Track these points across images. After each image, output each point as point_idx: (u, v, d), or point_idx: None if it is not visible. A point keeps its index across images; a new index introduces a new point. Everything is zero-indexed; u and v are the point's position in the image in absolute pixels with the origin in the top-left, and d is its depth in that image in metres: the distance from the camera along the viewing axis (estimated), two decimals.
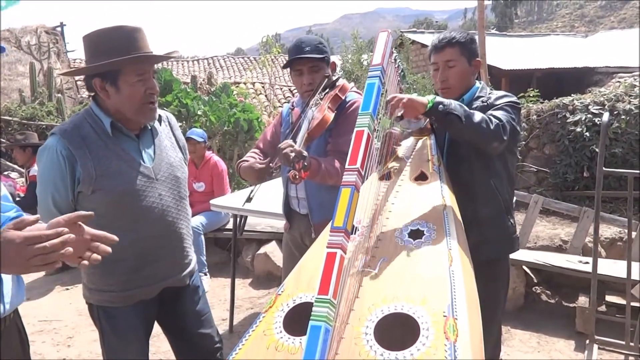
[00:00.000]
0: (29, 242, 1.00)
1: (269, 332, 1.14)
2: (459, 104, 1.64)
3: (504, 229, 1.99)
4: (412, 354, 0.98)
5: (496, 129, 1.67)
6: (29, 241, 1.00)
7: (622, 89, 5.21)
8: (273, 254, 4.38)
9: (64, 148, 1.59)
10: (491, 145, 1.71)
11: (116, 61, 1.56)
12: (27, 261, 1.00)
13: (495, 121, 1.69)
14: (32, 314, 3.74)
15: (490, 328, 2.01)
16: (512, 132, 1.76)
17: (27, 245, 0.99)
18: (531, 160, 5.41)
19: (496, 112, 1.77)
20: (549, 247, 3.97)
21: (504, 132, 1.69)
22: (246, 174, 2.08)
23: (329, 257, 1.00)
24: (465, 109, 1.64)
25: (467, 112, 1.62)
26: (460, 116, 1.59)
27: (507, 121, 1.73)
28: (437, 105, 1.58)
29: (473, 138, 1.68)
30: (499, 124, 1.69)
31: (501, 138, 1.69)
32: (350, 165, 1.10)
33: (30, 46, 11.26)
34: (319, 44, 2.07)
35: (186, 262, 1.86)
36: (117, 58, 1.55)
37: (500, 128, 1.69)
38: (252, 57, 21.04)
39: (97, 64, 1.58)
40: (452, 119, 1.59)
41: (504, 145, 1.73)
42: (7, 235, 1.00)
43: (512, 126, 1.76)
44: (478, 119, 1.64)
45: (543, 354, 2.98)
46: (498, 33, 20.15)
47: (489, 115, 1.72)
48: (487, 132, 1.65)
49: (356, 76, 11.26)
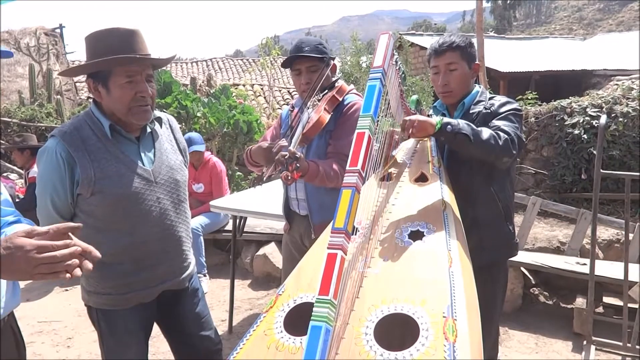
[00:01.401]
0: (39, 251, 1.00)
1: (270, 332, 1.15)
2: (466, 122, 1.64)
3: (503, 234, 2.00)
4: (411, 354, 0.98)
5: (505, 144, 1.67)
6: (39, 249, 1.01)
7: (620, 92, 5.23)
8: (272, 256, 4.38)
9: (63, 150, 1.58)
10: (501, 161, 1.72)
11: (101, 61, 1.55)
12: (33, 268, 1.00)
13: (504, 136, 1.68)
14: (32, 315, 3.74)
15: (489, 329, 2.02)
16: (520, 143, 1.77)
17: (37, 253, 1.00)
18: (529, 163, 5.43)
19: (501, 122, 1.78)
20: (546, 249, 3.98)
21: (512, 147, 1.70)
22: (257, 155, 1.96)
23: (329, 258, 1.00)
24: (473, 127, 1.63)
25: (474, 131, 1.62)
26: (469, 135, 1.59)
27: (515, 134, 1.74)
28: (445, 126, 1.59)
29: (483, 155, 1.68)
30: (507, 138, 1.69)
31: (510, 153, 1.69)
32: (351, 167, 1.11)
33: (30, 48, 11.25)
34: (319, 44, 2.08)
35: (185, 265, 1.85)
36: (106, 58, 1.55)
37: (509, 143, 1.69)
38: (251, 59, 21.04)
39: (86, 63, 1.58)
40: (461, 139, 1.60)
41: (514, 158, 1.74)
42: (17, 241, 1.01)
43: (519, 138, 1.76)
44: (486, 136, 1.64)
45: (541, 355, 2.99)
46: (496, 36, 20.18)
47: (496, 129, 1.72)
48: (496, 148, 1.66)
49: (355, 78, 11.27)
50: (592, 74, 12.56)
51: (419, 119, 1.55)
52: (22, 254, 0.99)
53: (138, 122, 1.68)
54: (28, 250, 1.00)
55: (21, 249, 1.00)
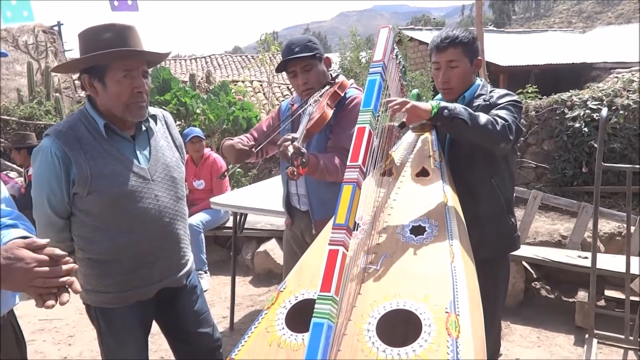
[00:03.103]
0: (38, 265, 1.03)
1: (272, 329, 1.14)
2: (463, 107, 1.63)
3: (505, 228, 1.99)
4: (414, 351, 0.98)
5: (502, 129, 1.66)
6: (37, 263, 1.03)
7: (620, 85, 5.21)
8: (273, 252, 4.38)
9: (58, 149, 1.57)
10: (498, 146, 1.71)
11: (98, 54, 1.54)
12: (29, 281, 1.03)
13: (501, 121, 1.68)
14: (33, 313, 3.74)
15: (491, 324, 2.01)
16: (517, 131, 1.76)
17: (35, 267, 1.03)
18: (530, 156, 5.42)
19: (499, 111, 1.77)
20: (548, 243, 3.98)
21: (510, 132, 1.69)
22: (226, 151, 2.10)
23: (331, 254, 1.00)
24: (470, 111, 1.63)
25: (472, 115, 1.61)
26: (466, 120, 1.58)
27: (512, 121, 1.73)
28: (442, 110, 1.57)
29: (480, 140, 1.67)
30: (504, 124, 1.68)
31: (508, 138, 1.69)
32: (351, 162, 1.10)
33: (28, 45, 11.21)
34: (308, 42, 2.06)
35: (183, 263, 1.85)
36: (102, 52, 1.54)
37: (507, 128, 1.68)
38: (250, 55, 20.96)
39: (82, 57, 1.57)
40: (457, 123, 1.59)
41: (511, 144, 1.73)
42: (18, 252, 1.03)
43: (517, 125, 1.75)
44: (484, 120, 1.63)
45: (543, 349, 2.99)
46: (496, 29, 20.13)
47: (494, 116, 1.72)
48: (493, 133, 1.65)
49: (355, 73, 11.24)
50: (592, 67, 12.54)
51: (411, 103, 1.53)
52: (21, 266, 1.02)
53: (134, 119, 1.67)
54: (27, 263, 1.02)
55: (21, 260, 1.02)
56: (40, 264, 1.04)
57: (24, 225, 1.29)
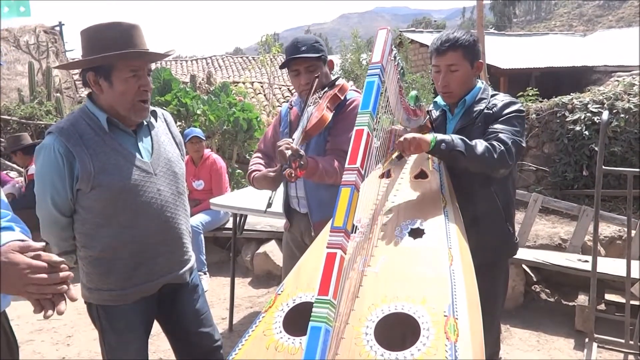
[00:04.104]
0: (32, 271, 1.02)
1: (269, 333, 1.13)
2: (460, 137, 1.63)
3: (503, 235, 1.98)
4: (412, 354, 0.97)
5: (500, 156, 1.66)
6: (32, 269, 1.02)
7: (621, 88, 5.21)
8: (272, 253, 4.37)
9: (61, 146, 1.58)
10: (498, 172, 1.72)
11: (109, 55, 1.55)
12: (23, 286, 1.02)
13: (499, 148, 1.67)
14: (31, 313, 3.71)
15: (490, 327, 2.00)
16: (518, 151, 1.75)
17: (29, 273, 1.02)
18: (530, 159, 5.41)
19: (501, 126, 1.76)
20: (548, 246, 3.97)
21: (509, 158, 1.68)
22: (261, 184, 2.04)
23: (329, 257, 0.99)
24: (467, 142, 1.63)
25: (468, 146, 1.62)
26: (463, 151, 1.59)
27: (513, 142, 1.72)
28: (439, 144, 1.58)
29: (478, 169, 1.68)
30: (503, 150, 1.67)
31: (507, 164, 1.68)
32: (350, 165, 1.10)
33: (29, 45, 11.21)
34: (315, 42, 2.06)
35: (185, 258, 1.85)
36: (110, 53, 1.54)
37: (505, 154, 1.67)
38: (251, 56, 20.98)
39: (91, 57, 1.58)
40: (456, 156, 1.60)
41: (511, 168, 1.74)
42: (12, 257, 1.02)
43: (517, 146, 1.74)
44: (481, 150, 1.63)
45: (543, 353, 2.98)
46: (496, 32, 20.14)
47: (493, 137, 1.71)
48: (491, 162, 1.65)
49: (355, 75, 11.24)
50: (592, 71, 12.53)
51: (414, 137, 1.55)
52: (16, 272, 1.01)
53: (137, 118, 1.69)
54: (22, 269, 1.02)
55: (15, 266, 1.02)
56: (37, 270, 1.03)
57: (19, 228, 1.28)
